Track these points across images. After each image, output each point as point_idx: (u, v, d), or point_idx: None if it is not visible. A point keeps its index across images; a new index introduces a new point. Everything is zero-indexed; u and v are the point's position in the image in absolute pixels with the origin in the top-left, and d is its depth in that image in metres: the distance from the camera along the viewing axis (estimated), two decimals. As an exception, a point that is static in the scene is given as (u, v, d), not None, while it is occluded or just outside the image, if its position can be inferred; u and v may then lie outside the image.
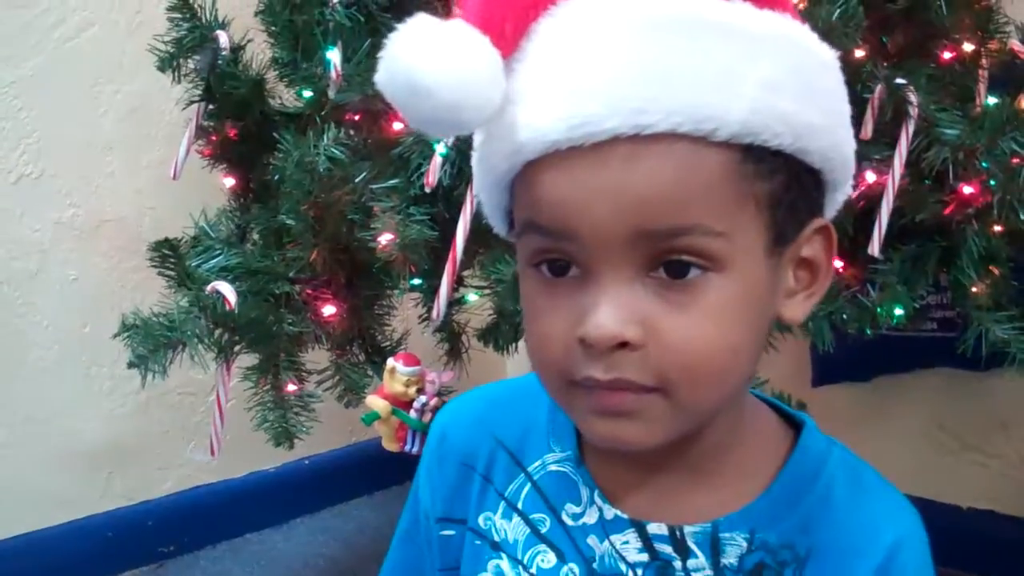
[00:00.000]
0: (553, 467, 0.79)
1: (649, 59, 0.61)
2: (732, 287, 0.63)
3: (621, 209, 0.61)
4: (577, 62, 0.62)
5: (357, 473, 2.58)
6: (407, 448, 1.44)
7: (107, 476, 2.24)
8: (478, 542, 0.80)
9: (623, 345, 0.63)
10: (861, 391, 2.18)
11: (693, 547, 0.72)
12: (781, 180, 0.64)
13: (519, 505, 0.79)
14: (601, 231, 0.62)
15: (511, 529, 0.79)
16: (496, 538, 0.79)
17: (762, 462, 0.75)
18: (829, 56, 0.68)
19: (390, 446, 1.46)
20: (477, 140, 0.70)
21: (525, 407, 0.82)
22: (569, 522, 0.77)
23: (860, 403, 2.20)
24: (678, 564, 0.72)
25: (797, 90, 0.63)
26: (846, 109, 0.70)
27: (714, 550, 0.71)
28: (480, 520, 0.81)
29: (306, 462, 2.53)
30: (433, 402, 1.42)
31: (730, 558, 0.72)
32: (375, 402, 1.44)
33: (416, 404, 1.42)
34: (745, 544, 0.72)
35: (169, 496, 2.33)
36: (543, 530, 0.78)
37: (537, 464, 0.80)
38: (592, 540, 0.74)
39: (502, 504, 0.80)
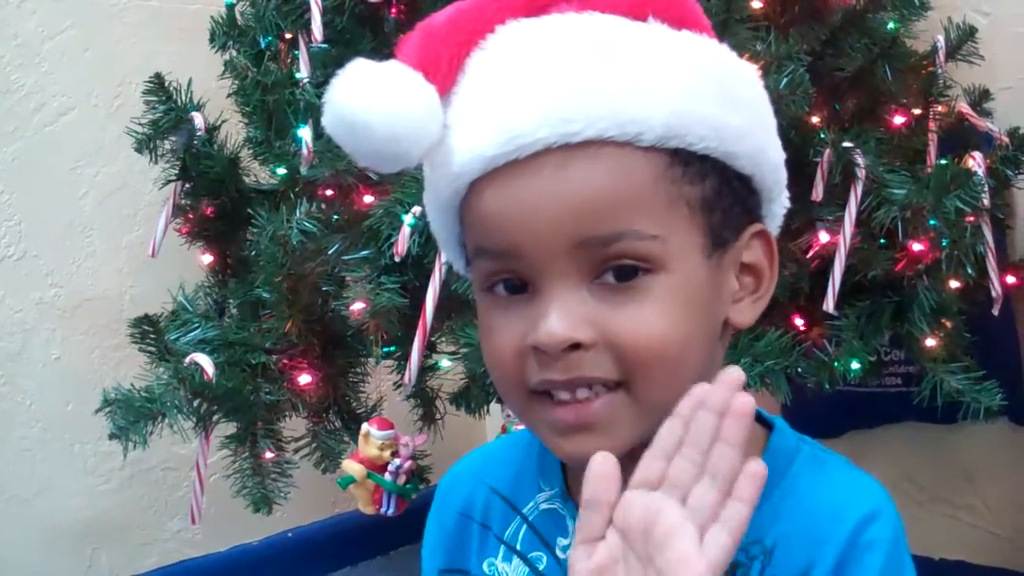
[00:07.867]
0: (544, 505, 0.81)
1: (575, 75, 0.66)
2: (673, 285, 0.67)
3: (558, 218, 0.65)
4: (507, 84, 0.67)
5: (340, 543, 2.57)
6: (383, 510, 1.46)
7: (92, 552, 2.23)
8: None
9: (576, 347, 0.66)
10: (832, 446, 2.18)
11: None
12: (712, 184, 0.68)
13: (517, 546, 0.81)
14: (542, 242, 0.66)
15: (512, 570, 0.81)
16: None
17: None
18: (748, 70, 0.73)
19: (366, 509, 1.48)
20: (426, 174, 0.73)
21: (516, 455, 0.85)
22: (561, 555, 0.78)
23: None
24: None
25: (717, 97, 0.68)
26: (770, 119, 0.74)
27: None
28: (484, 566, 0.83)
29: (289, 534, 2.53)
30: (407, 464, 1.45)
31: None
32: (350, 466, 1.47)
33: (391, 467, 1.45)
34: None
35: (154, 571, 2.32)
36: (540, 567, 0.79)
37: (531, 505, 0.82)
38: None
39: (502, 548, 0.82)
